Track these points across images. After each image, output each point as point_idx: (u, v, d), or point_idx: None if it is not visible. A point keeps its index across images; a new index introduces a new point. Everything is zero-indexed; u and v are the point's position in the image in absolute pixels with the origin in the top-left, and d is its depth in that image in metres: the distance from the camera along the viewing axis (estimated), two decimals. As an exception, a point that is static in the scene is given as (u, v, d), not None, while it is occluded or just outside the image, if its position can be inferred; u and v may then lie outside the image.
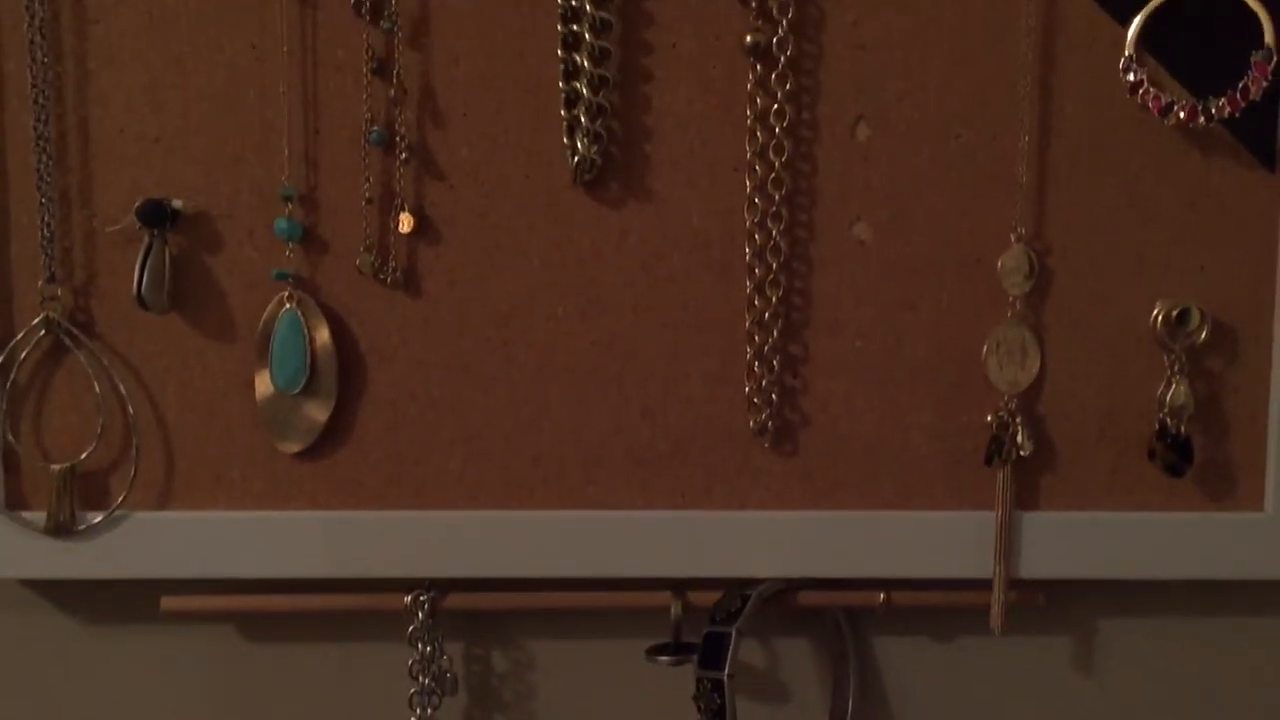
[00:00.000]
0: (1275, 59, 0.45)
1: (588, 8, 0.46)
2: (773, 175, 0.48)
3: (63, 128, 0.48)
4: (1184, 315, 0.48)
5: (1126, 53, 0.47)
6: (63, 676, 0.53)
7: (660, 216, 0.48)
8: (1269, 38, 0.45)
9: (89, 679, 0.53)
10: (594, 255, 0.48)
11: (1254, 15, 0.45)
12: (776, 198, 0.48)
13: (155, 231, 0.47)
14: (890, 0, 0.47)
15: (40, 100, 0.47)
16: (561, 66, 0.47)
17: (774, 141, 0.48)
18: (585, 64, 0.47)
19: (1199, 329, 0.48)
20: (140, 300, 0.47)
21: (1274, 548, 0.49)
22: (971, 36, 0.47)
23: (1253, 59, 0.45)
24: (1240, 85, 0.46)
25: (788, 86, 0.47)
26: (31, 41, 0.47)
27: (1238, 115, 0.46)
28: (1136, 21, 0.47)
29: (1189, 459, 0.48)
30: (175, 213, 0.48)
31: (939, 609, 0.52)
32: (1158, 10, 0.46)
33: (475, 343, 0.49)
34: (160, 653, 0.53)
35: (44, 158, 0.48)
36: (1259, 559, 0.50)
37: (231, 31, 0.47)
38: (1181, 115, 0.46)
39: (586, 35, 0.47)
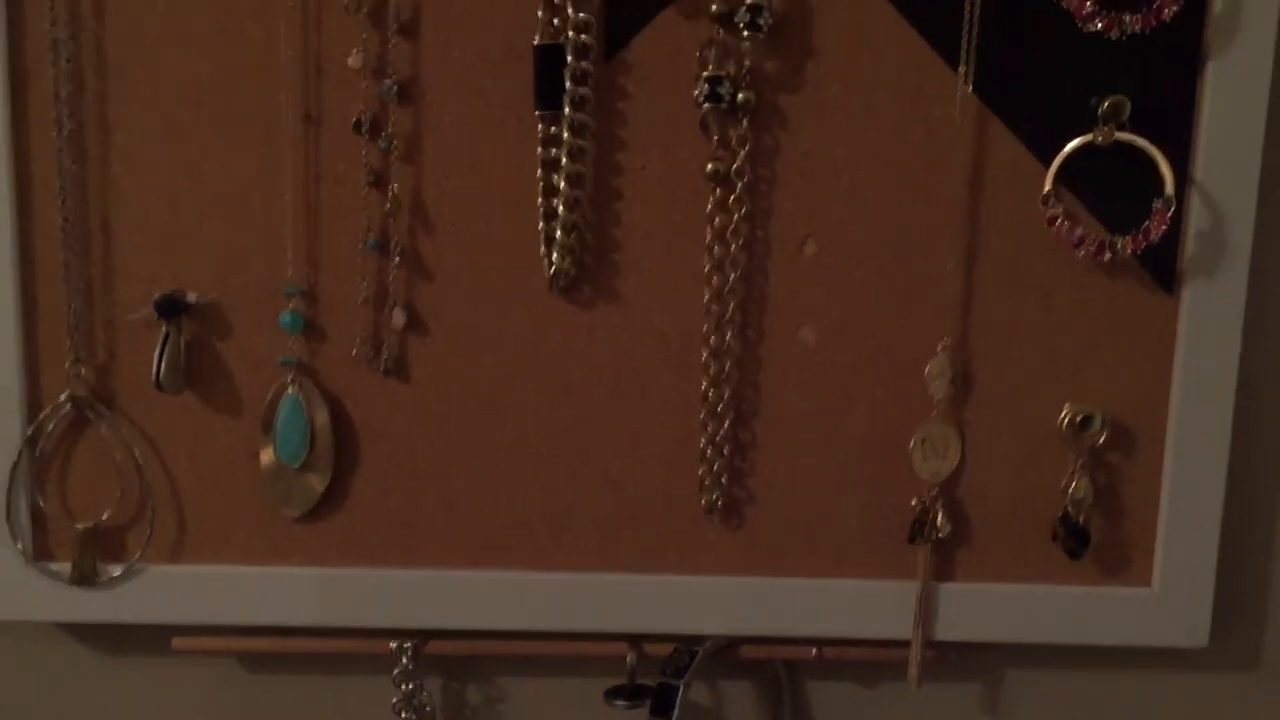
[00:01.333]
0: (1175, 205, 0.51)
1: (565, 135, 0.52)
2: (728, 285, 0.53)
3: (87, 225, 0.53)
4: (1087, 421, 0.54)
5: (1046, 188, 0.52)
6: (87, 703, 0.59)
7: (627, 317, 0.54)
8: (1169, 188, 0.51)
9: (109, 706, 0.59)
10: (566, 350, 0.54)
11: (1158, 165, 0.51)
12: (731, 305, 0.54)
13: (171, 322, 0.53)
14: (837, 134, 0.52)
15: (67, 201, 0.52)
16: (540, 185, 0.52)
17: (730, 255, 0.53)
18: (562, 184, 0.52)
19: (1099, 432, 0.54)
20: (158, 385, 0.53)
21: (1161, 619, 0.56)
22: (909, 169, 0.53)
23: (1155, 205, 0.51)
24: (1144, 226, 0.51)
25: (744, 209, 0.53)
26: (59, 150, 0.52)
27: (1139, 253, 0.52)
28: (1056, 161, 0.52)
29: (1086, 544, 0.55)
30: (189, 304, 0.53)
31: (865, 662, 0.59)
32: (1076, 152, 0.52)
33: (458, 423, 0.55)
34: (171, 684, 0.59)
35: (70, 252, 0.53)
36: (1148, 629, 0.56)
37: (242, 144, 0.52)
38: (1091, 249, 0.52)
39: (564, 159, 0.52)
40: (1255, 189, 0.52)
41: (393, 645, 0.57)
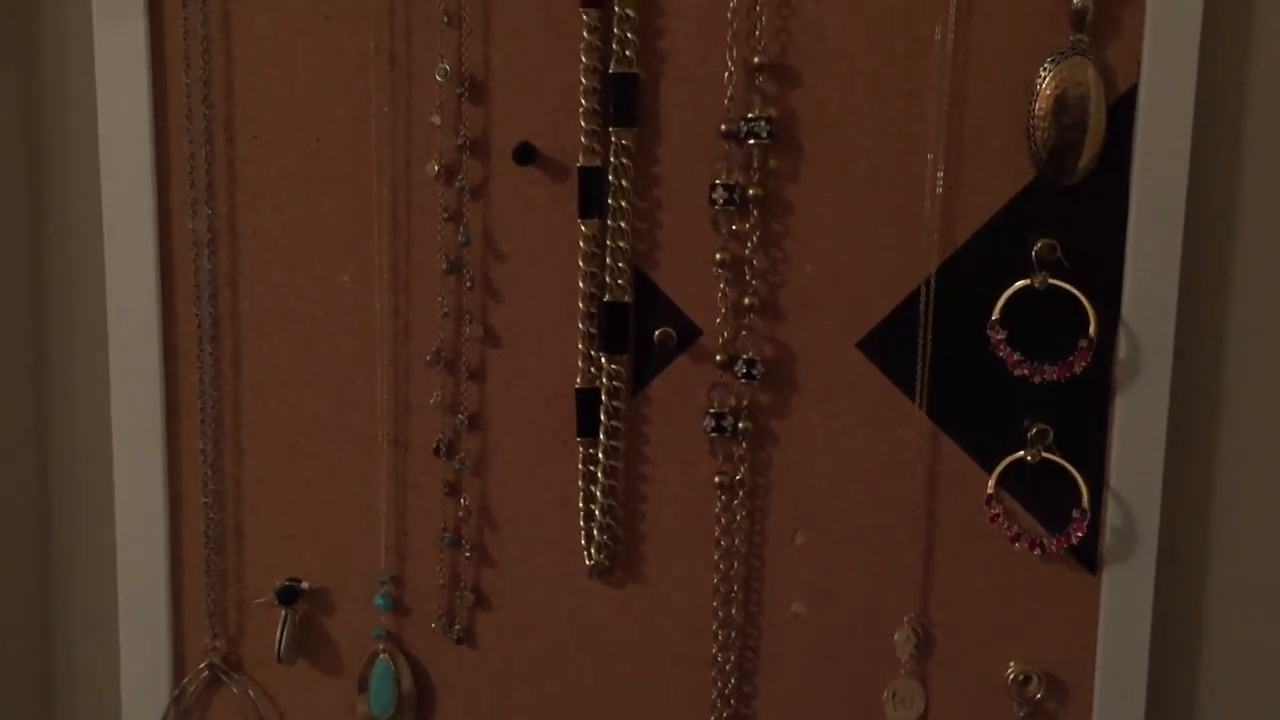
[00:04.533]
0: (1089, 515, 0.64)
1: (600, 457, 0.65)
2: (733, 569, 0.66)
3: (224, 529, 0.67)
4: (1026, 679, 0.66)
5: (989, 491, 0.65)
6: None
7: (651, 595, 0.67)
8: (1085, 501, 0.63)
9: None
10: (602, 623, 0.67)
11: (1077, 481, 0.64)
12: (735, 585, 0.66)
13: (289, 606, 0.66)
14: (818, 450, 0.65)
15: (209, 512, 0.66)
16: (581, 494, 0.66)
17: (733, 546, 0.66)
18: (598, 494, 0.65)
19: (1038, 688, 0.66)
20: (279, 659, 0.66)
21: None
22: (877, 476, 0.65)
23: (1074, 514, 0.64)
24: (1067, 530, 0.64)
25: (744, 509, 0.66)
26: (205, 475, 0.66)
27: (1064, 550, 0.64)
28: (996, 471, 0.65)
29: (1031, 779, 0.67)
30: (302, 590, 0.67)
31: None
32: (1012, 464, 0.64)
33: (516, 682, 0.67)
34: None
35: (210, 551, 0.67)
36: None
37: (345, 465, 0.66)
38: (1026, 545, 0.64)
39: (599, 475, 0.65)
40: (1159, 492, 0.64)
41: None
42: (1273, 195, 0.64)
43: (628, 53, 0.62)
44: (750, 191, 0.63)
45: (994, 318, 0.63)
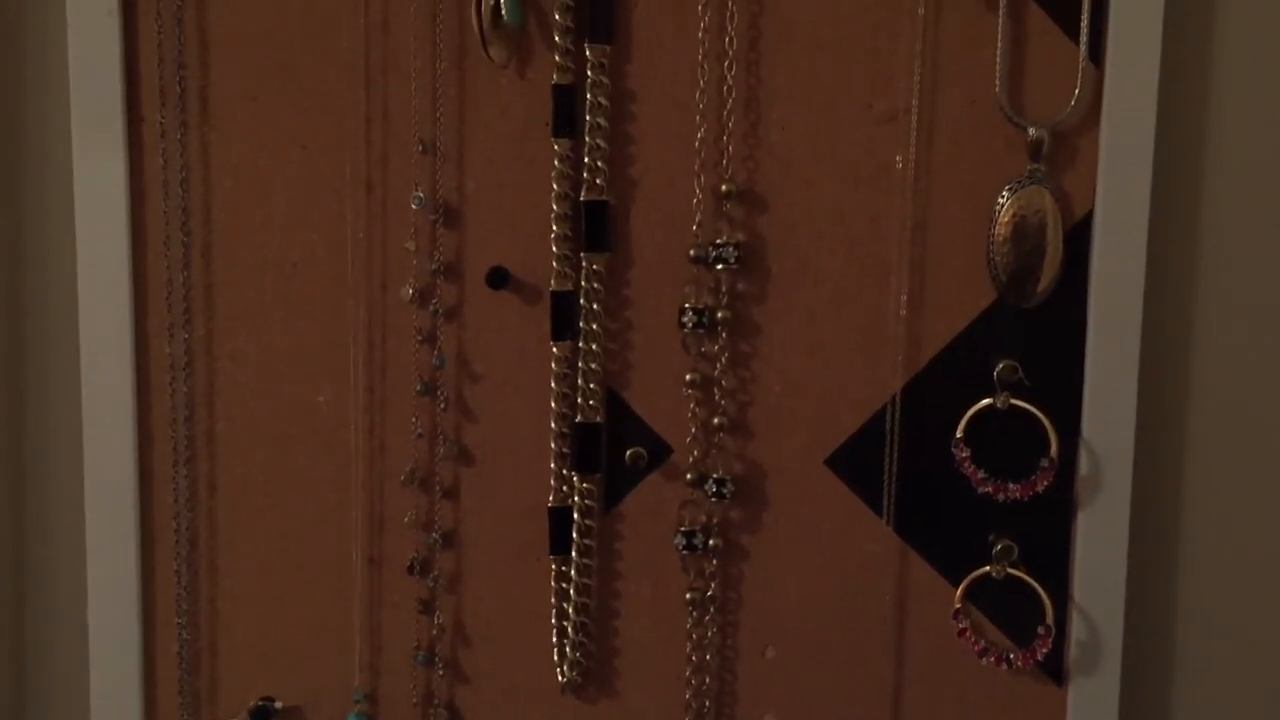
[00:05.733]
0: (1054, 632, 0.65)
1: (573, 574, 0.66)
2: (705, 684, 0.67)
3: (198, 648, 0.67)
4: (997, 792, 0.67)
5: (956, 606, 0.66)
6: None
7: (623, 711, 0.67)
8: (1049, 618, 0.65)
9: None
10: (576, 736, 0.68)
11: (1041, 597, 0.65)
12: (708, 701, 0.67)
13: (262, 726, 0.67)
14: (789, 568, 0.66)
15: (183, 633, 0.67)
16: (554, 610, 0.66)
17: (705, 660, 0.67)
18: (570, 611, 0.66)
19: (1008, 800, 0.67)
20: (253, 776, 0.67)
21: None
22: (846, 589, 0.66)
23: (1039, 630, 0.65)
24: (1031, 646, 0.65)
25: (716, 625, 0.66)
26: (179, 596, 0.66)
27: (1029, 666, 0.65)
28: (962, 585, 0.66)
29: None
30: (276, 709, 0.67)
31: None
32: (978, 578, 0.66)
33: (490, 795, 0.68)
34: None
35: (184, 672, 0.67)
36: None
37: (319, 583, 0.67)
38: (992, 660, 0.65)
39: (572, 593, 0.66)
40: (1122, 605, 0.65)
41: None
42: (1225, 315, 0.66)
43: (598, 180, 0.63)
44: (719, 314, 0.64)
45: (958, 435, 0.64)
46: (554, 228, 0.64)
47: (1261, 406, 0.67)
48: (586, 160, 0.63)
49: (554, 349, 0.65)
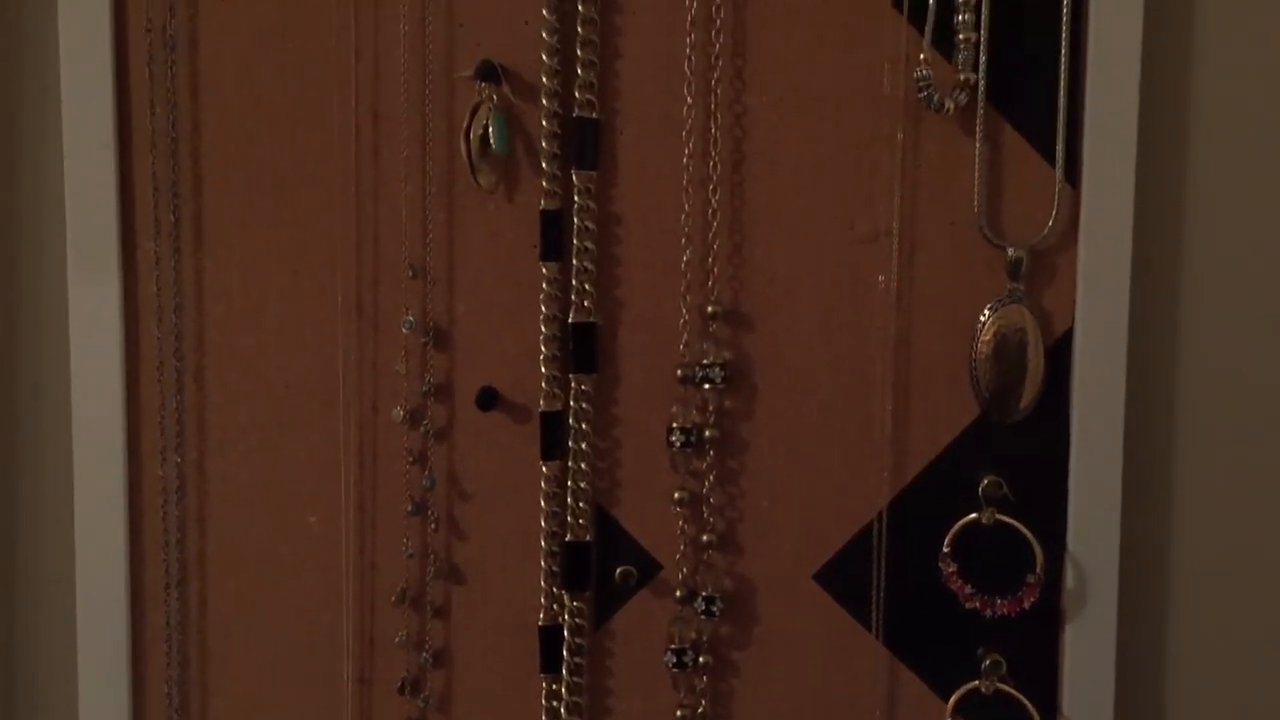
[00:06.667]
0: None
1: (563, 691, 0.66)
2: (695, 800, 0.67)
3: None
4: None
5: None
6: None
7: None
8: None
9: None
10: None
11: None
12: (699, 817, 0.67)
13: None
14: (776, 684, 0.66)
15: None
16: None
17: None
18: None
19: None
20: None
21: None
22: (833, 709, 0.66)
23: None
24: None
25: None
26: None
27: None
28: (952, 700, 0.66)
29: None
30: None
31: None
32: (965, 695, 0.66)
33: None
34: None
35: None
36: None
37: (307, 698, 0.67)
38: None
39: (562, 711, 0.66)
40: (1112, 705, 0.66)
41: None
42: (1207, 426, 0.67)
43: (586, 303, 0.64)
44: (707, 433, 0.65)
45: (945, 550, 0.65)
46: (543, 349, 0.65)
47: (1245, 515, 0.68)
48: (574, 283, 0.64)
49: (543, 468, 0.65)
